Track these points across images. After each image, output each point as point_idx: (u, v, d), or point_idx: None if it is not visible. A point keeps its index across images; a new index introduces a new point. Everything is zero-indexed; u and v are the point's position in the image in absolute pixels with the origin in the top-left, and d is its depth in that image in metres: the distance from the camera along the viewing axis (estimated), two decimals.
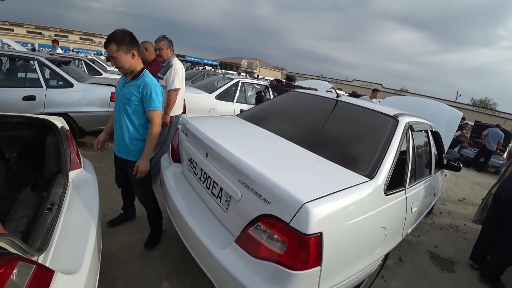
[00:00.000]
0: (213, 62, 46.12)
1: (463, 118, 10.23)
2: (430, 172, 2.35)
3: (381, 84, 34.82)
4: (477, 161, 8.09)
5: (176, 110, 2.67)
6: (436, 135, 2.83)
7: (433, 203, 2.85)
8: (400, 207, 1.58)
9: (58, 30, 45.08)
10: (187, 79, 8.31)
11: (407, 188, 1.67)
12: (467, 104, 35.34)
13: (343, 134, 1.78)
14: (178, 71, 2.49)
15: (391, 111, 1.85)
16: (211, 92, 4.63)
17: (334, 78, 43.20)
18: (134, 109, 1.63)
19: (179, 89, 2.50)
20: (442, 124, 3.78)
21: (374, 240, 1.34)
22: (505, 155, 7.84)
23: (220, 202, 1.37)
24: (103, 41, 1.75)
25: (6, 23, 40.95)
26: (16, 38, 31.58)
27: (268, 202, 1.08)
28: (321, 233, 1.00)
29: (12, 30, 40.34)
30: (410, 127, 1.78)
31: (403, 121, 1.73)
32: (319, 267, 1.03)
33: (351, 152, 1.60)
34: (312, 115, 2.05)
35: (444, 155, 2.99)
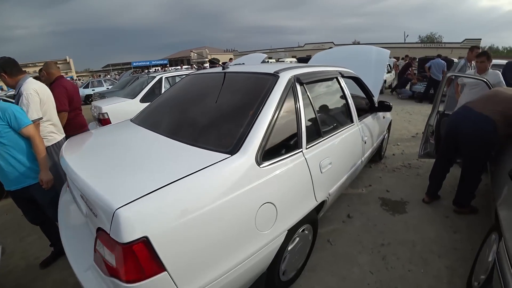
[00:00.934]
0: (161, 62, 42.70)
1: (406, 56, 10.54)
2: (351, 121, 2.20)
3: (332, 42, 35.13)
4: (428, 94, 8.34)
5: (52, 139, 2.21)
6: (358, 81, 2.68)
7: (370, 150, 2.72)
8: (297, 172, 1.39)
9: None
10: (121, 88, 7.56)
11: (306, 149, 1.48)
12: (416, 43, 36.82)
13: (217, 110, 1.53)
14: (31, 97, 1.96)
15: (273, 69, 1.60)
16: (134, 97, 4.20)
17: (286, 47, 42.99)
18: (7, 137, 1.64)
19: (41, 118, 1.99)
20: (371, 66, 3.68)
21: (255, 220, 1.14)
22: None
23: (87, 219, 1.22)
24: (37, 69, 1.47)
25: None
26: None
27: (95, 215, 0.98)
28: (146, 237, 0.85)
29: None
30: (297, 81, 1.56)
31: (285, 76, 1.50)
32: (164, 272, 0.89)
33: (217, 129, 1.37)
34: (197, 96, 1.80)
35: (373, 98, 2.87)
